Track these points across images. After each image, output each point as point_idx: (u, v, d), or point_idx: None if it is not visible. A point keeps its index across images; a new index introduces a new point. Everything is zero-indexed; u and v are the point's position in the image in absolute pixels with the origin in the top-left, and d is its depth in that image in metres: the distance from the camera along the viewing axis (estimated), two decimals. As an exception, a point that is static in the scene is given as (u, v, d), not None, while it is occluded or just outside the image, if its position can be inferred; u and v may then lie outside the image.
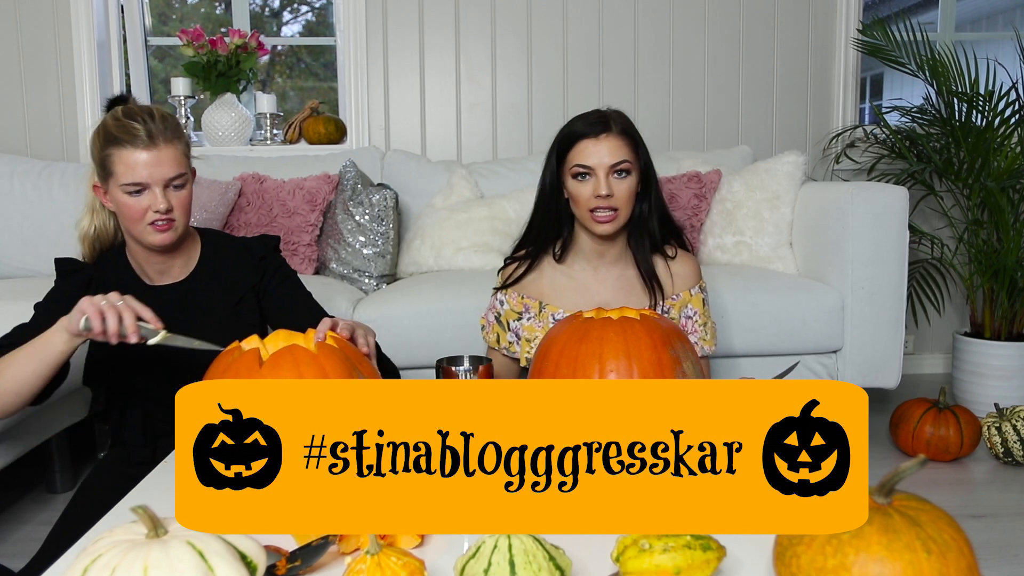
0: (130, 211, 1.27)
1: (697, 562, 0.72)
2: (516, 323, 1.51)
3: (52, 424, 1.97)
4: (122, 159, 1.25)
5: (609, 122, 1.43)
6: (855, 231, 2.19)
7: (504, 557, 0.71)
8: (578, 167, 1.42)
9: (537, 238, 1.53)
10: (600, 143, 1.41)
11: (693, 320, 1.52)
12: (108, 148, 1.26)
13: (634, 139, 1.44)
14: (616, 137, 1.41)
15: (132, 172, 1.25)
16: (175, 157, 1.27)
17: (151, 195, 1.26)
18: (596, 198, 1.41)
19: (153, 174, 1.25)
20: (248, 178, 2.55)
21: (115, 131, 1.25)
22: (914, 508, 0.69)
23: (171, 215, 1.28)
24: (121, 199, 1.27)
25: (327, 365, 0.96)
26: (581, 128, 1.43)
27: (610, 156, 1.40)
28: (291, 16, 3.67)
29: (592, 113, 1.46)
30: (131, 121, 1.25)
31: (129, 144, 1.24)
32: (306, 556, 0.79)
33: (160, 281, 1.39)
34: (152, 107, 1.30)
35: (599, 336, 1.08)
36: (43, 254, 2.59)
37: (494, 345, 1.54)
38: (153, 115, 1.27)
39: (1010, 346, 2.61)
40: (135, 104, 1.32)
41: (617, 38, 3.05)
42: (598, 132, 1.41)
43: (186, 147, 1.32)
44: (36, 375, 1.17)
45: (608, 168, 1.40)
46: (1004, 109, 2.62)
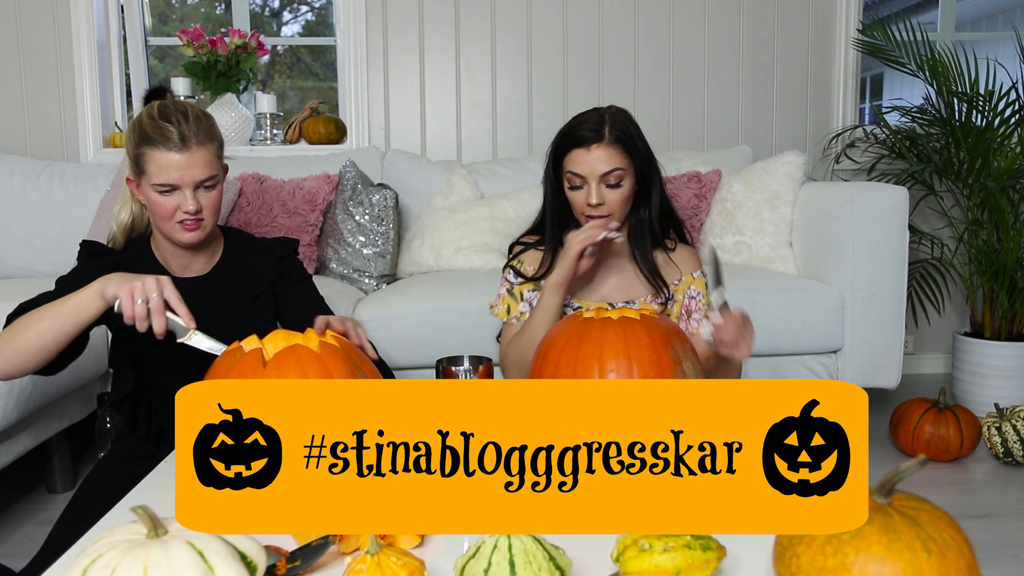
0: (160, 209, 1.29)
1: (697, 562, 0.72)
2: (530, 293, 1.53)
3: (52, 424, 1.97)
4: (154, 159, 1.27)
5: (603, 129, 1.41)
6: (855, 231, 2.20)
7: (504, 557, 0.71)
8: (571, 174, 1.43)
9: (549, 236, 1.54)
10: (591, 153, 1.40)
11: (697, 300, 1.52)
12: (142, 146, 1.28)
13: (628, 145, 1.43)
14: (608, 146, 1.40)
15: (164, 173, 1.27)
16: (207, 159, 1.29)
17: (181, 195, 1.28)
18: (588, 206, 1.42)
19: (184, 176, 1.27)
20: (248, 178, 2.55)
21: (150, 130, 1.27)
22: (914, 508, 0.69)
23: (200, 215, 1.31)
24: (152, 196, 1.29)
25: (330, 364, 0.96)
26: (574, 135, 1.42)
27: (601, 165, 1.40)
28: (291, 16, 3.67)
29: (590, 116, 1.45)
30: (166, 123, 1.27)
31: (162, 145, 1.26)
32: (306, 556, 0.79)
33: (182, 274, 1.41)
34: (188, 105, 1.32)
35: (599, 336, 1.08)
36: (43, 254, 2.59)
37: (503, 317, 1.54)
38: (187, 116, 1.28)
39: (1010, 346, 2.61)
40: (171, 101, 1.33)
41: (617, 38, 3.05)
42: (590, 142, 1.40)
43: (219, 147, 1.34)
44: (62, 333, 1.16)
45: (599, 178, 1.41)
46: (1004, 109, 2.62)
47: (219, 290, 1.42)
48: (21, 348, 1.15)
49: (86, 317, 1.16)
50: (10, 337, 1.16)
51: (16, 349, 1.16)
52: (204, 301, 1.39)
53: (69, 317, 1.15)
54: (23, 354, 1.16)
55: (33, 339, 1.15)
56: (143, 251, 1.41)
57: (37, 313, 1.17)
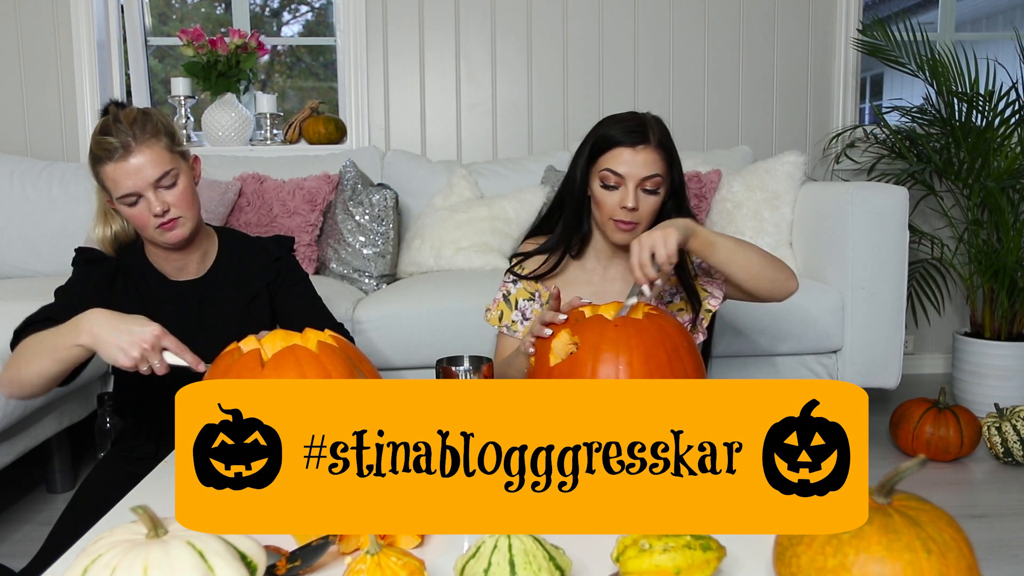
0: (135, 219, 1.30)
1: (697, 562, 0.72)
2: (525, 302, 1.51)
3: (52, 424, 1.96)
4: (107, 175, 1.27)
5: (648, 132, 1.38)
6: (855, 231, 2.20)
7: (504, 557, 0.71)
8: (609, 172, 1.38)
9: (562, 235, 1.51)
10: (637, 154, 1.37)
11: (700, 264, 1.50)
12: (96, 166, 1.29)
13: (670, 153, 1.41)
14: (653, 150, 1.38)
15: (119, 184, 1.26)
16: (154, 157, 1.26)
17: (146, 200, 1.27)
18: (621, 209, 1.38)
19: (137, 182, 1.26)
20: (248, 178, 2.55)
21: (96, 149, 1.27)
22: (914, 508, 0.69)
23: (171, 213, 1.29)
24: (124, 211, 1.30)
25: (329, 365, 0.96)
26: (619, 133, 1.38)
27: (644, 169, 1.37)
28: (291, 16, 3.67)
29: (630, 117, 1.41)
30: (105, 137, 1.26)
31: (108, 160, 1.26)
32: (306, 556, 0.79)
33: (177, 278, 1.40)
34: (128, 112, 1.29)
35: (599, 336, 1.08)
36: (43, 254, 2.59)
37: (495, 323, 1.53)
38: (125, 122, 1.27)
39: (1010, 346, 2.61)
40: (114, 111, 1.31)
41: (617, 38, 3.05)
42: (636, 142, 1.37)
43: (170, 140, 1.30)
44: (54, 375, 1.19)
45: (639, 180, 1.37)
46: (1004, 109, 2.62)
47: (214, 294, 1.41)
48: (26, 382, 1.20)
49: (70, 363, 1.18)
50: (15, 369, 1.21)
51: (23, 383, 1.21)
52: (200, 305, 1.39)
53: (57, 362, 1.17)
54: (30, 386, 1.21)
55: (32, 376, 1.19)
56: (138, 256, 1.41)
57: (34, 345, 1.19)
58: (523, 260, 1.53)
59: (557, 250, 1.50)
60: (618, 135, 1.39)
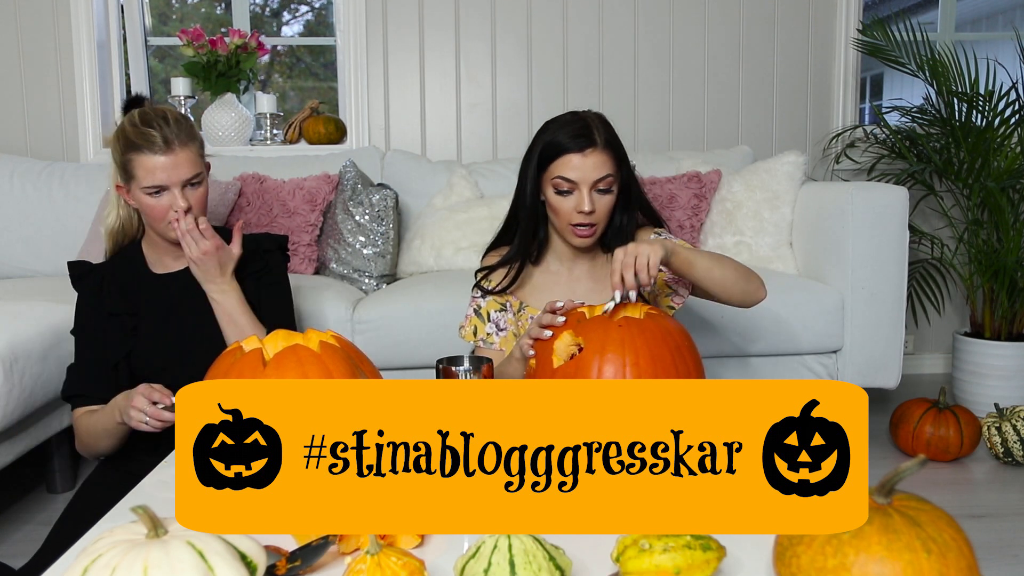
0: (152, 211, 1.38)
1: (697, 562, 0.72)
2: (497, 314, 1.52)
3: (52, 424, 1.96)
4: (142, 164, 1.35)
5: (593, 134, 1.40)
6: (855, 231, 2.19)
7: (504, 557, 0.71)
8: (561, 179, 1.40)
9: (519, 245, 1.51)
10: (586, 158, 1.38)
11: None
12: (128, 153, 1.36)
13: (617, 150, 1.42)
14: (601, 151, 1.39)
15: (152, 176, 1.35)
16: (190, 159, 1.37)
17: (171, 195, 1.36)
18: (578, 214, 1.40)
19: (171, 176, 1.35)
20: (248, 178, 2.55)
21: (134, 137, 1.35)
22: (914, 508, 0.69)
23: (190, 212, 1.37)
24: (143, 200, 1.38)
25: (330, 364, 0.96)
26: (566, 139, 1.40)
27: (594, 172, 1.38)
28: (291, 16, 3.67)
29: (574, 121, 1.42)
30: (148, 128, 1.35)
31: (148, 150, 1.34)
32: (306, 556, 0.79)
33: (176, 267, 1.47)
34: (167, 110, 1.40)
35: (599, 336, 1.08)
36: (43, 254, 2.59)
37: (470, 339, 1.54)
38: (168, 120, 1.36)
39: (1010, 346, 2.61)
40: (151, 107, 1.41)
41: (617, 38, 3.05)
42: (583, 146, 1.38)
43: (200, 147, 1.42)
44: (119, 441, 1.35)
45: (591, 184, 1.39)
46: (1004, 109, 2.62)
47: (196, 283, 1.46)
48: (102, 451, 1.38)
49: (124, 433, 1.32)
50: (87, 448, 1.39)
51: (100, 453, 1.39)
52: (189, 291, 1.46)
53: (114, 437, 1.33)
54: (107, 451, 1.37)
55: (105, 450, 1.37)
56: (130, 256, 1.48)
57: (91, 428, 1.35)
58: (488, 273, 1.54)
59: (516, 260, 1.51)
60: (565, 141, 1.40)
